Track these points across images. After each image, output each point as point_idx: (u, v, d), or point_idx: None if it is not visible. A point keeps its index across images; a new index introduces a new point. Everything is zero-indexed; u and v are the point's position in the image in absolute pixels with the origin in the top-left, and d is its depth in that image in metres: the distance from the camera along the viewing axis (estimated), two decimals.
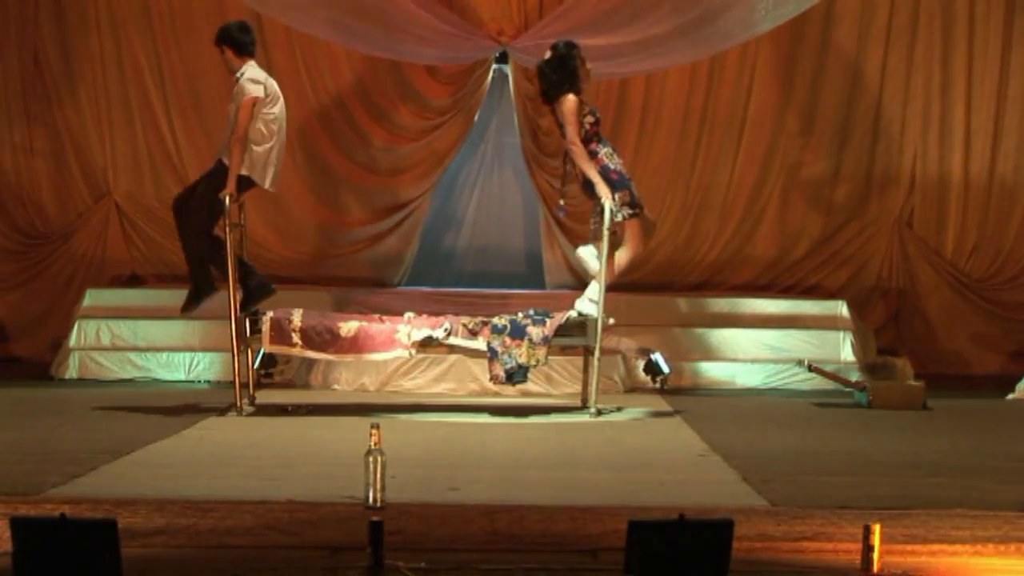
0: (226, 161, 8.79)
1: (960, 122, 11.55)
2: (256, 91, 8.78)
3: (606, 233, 8.75)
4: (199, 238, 8.83)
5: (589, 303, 8.88)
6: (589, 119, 8.91)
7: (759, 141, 11.58)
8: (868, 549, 4.64)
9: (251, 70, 8.88)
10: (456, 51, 11.07)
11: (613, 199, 8.74)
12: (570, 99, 8.85)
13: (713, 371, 10.79)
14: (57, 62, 11.44)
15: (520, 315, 8.87)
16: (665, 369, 10.21)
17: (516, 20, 11.25)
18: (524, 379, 8.85)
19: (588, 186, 8.92)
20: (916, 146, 11.59)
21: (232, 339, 8.74)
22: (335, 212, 11.60)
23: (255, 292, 8.89)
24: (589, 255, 8.98)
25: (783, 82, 11.56)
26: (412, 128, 11.55)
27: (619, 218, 8.84)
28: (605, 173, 8.84)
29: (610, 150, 8.97)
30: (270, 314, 8.80)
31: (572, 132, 8.84)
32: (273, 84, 8.97)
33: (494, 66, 11.48)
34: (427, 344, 8.80)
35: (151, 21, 11.43)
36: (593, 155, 8.88)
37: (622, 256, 9.03)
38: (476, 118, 11.58)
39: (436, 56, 11.12)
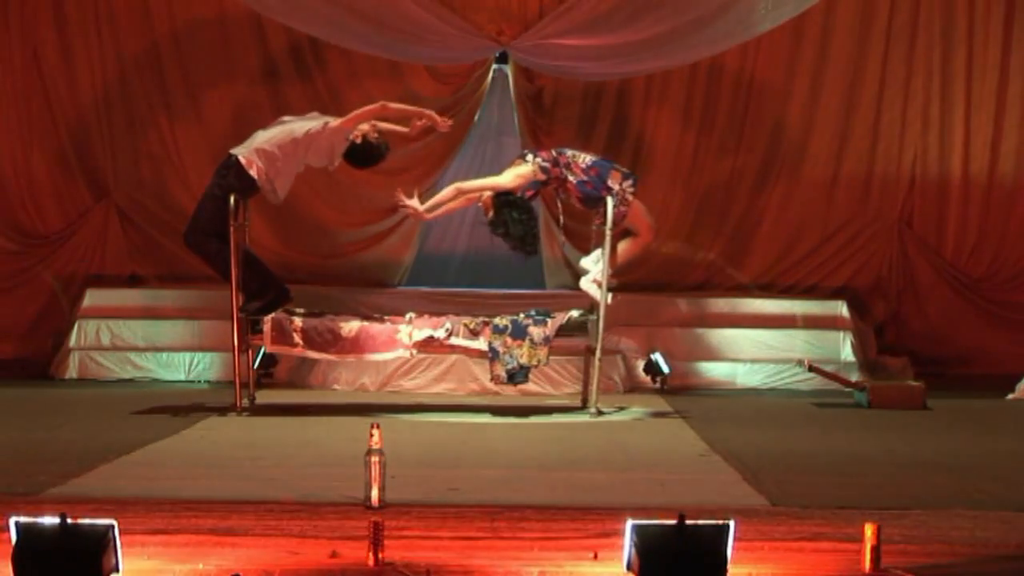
0: (241, 159, 8.78)
1: (960, 122, 11.54)
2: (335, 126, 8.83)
3: (608, 233, 8.78)
4: (208, 239, 8.80)
5: (593, 284, 8.89)
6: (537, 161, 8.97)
7: (759, 141, 11.57)
8: (868, 549, 4.65)
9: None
10: (456, 51, 11.07)
11: (610, 188, 8.79)
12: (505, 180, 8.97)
13: (713, 371, 10.79)
14: (57, 62, 11.44)
15: (521, 315, 8.88)
16: (665, 369, 10.23)
17: (516, 20, 11.24)
18: (525, 379, 8.86)
19: (587, 200, 8.95)
20: (916, 146, 11.59)
21: (233, 339, 8.74)
22: (335, 212, 11.59)
23: (275, 300, 8.90)
24: (590, 264, 8.99)
25: (783, 82, 11.55)
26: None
27: (629, 198, 8.86)
28: (587, 173, 8.87)
29: (573, 152, 9.02)
30: (271, 314, 8.80)
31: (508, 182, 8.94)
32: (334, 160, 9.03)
33: (494, 66, 11.48)
34: (428, 344, 8.81)
35: (151, 21, 11.42)
36: (568, 168, 8.90)
37: (631, 245, 9.05)
38: (476, 118, 11.57)
39: (436, 56, 11.12)
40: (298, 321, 8.77)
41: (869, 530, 4.67)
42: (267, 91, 11.46)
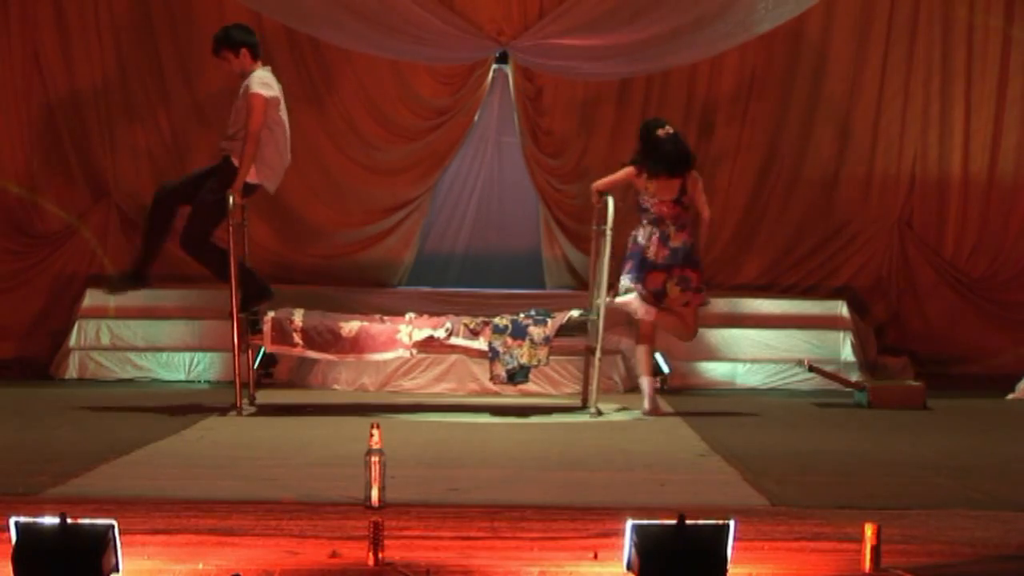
0: (234, 160, 8.84)
1: (960, 122, 11.55)
2: (268, 92, 8.85)
3: (609, 233, 8.80)
4: (205, 243, 8.87)
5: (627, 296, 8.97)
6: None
7: (759, 141, 11.57)
8: (868, 549, 4.65)
9: (263, 72, 8.95)
10: (456, 51, 11.07)
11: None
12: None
13: (713, 371, 10.79)
14: (57, 62, 11.44)
15: (521, 315, 8.88)
16: (665, 369, 10.22)
17: (516, 20, 11.24)
18: (525, 379, 8.86)
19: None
20: (916, 146, 11.58)
21: (233, 339, 8.74)
22: (335, 212, 11.59)
23: (255, 296, 8.92)
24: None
25: (783, 82, 11.55)
26: (412, 128, 11.55)
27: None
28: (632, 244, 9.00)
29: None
30: (271, 314, 8.82)
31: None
32: (280, 89, 9.07)
33: (494, 66, 11.48)
34: (428, 344, 8.81)
35: (151, 20, 11.43)
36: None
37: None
38: (476, 118, 11.58)
39: (436, 56, 11.12)
40: (298, 321, 8.77)
41: (869, 530, 4.67)
42: None
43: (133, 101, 11.49)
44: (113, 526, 4.39)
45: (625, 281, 8.92)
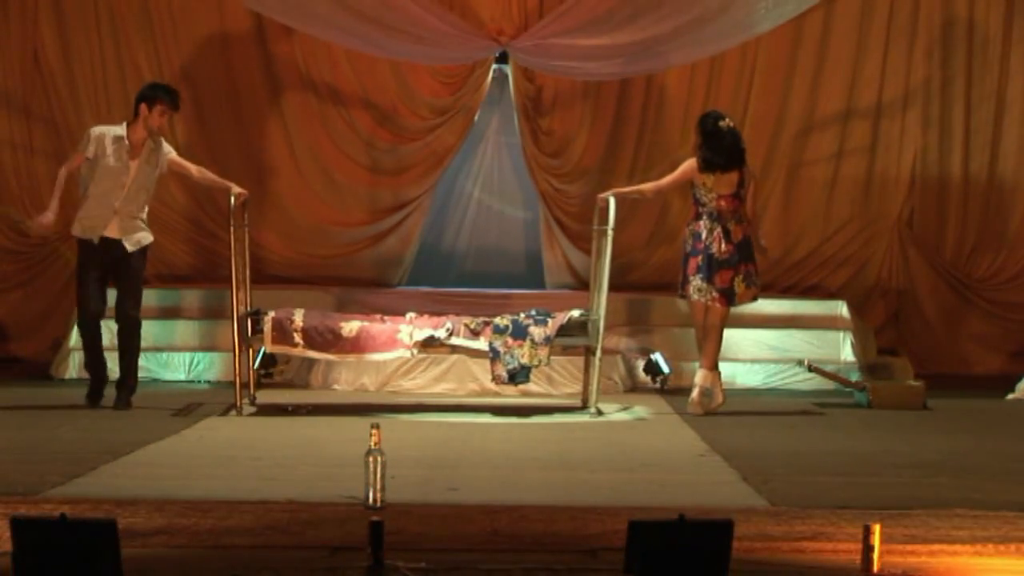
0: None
1: (960, 122, 11.54)
2: None
3: (610, 233, 8.79)
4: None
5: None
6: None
7: (759, 141, 11.56)
8: (868, 549, 4.65)
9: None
10: (456, 51, 11.07)
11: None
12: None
13: None
14: (57, 62, 11.44)
15: (522, 315, 8.89)
16: (665, 369, 10.22)
17: (516, 20, 11.25)
18: (526, 379, 8.87)
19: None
20: (916, 146, 11.58)
21: (234, 339, 8.74)
22: (335, 212, 11.59)
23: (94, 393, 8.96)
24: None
25: (783, 82, 11.55)
26: (412, 128, 11.55)
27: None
28: (687, 247, 8.99)
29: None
30: (272, 314, 8.82)
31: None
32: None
33: (494, 66, 11.48)
34: (429, 344, 8.82)
35: (151, 21, 11.42)
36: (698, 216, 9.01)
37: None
38: (476, 118, 11.57)
39: (436, 56, 11.13)
40: (299, 321, 8.77)
41: (869, 530, 4.66)
42: (267, 89, 11.47)
43: (133, 100, 11.45)
44: (113, 526, 4.39)
45: (697, 281, 8.90)
